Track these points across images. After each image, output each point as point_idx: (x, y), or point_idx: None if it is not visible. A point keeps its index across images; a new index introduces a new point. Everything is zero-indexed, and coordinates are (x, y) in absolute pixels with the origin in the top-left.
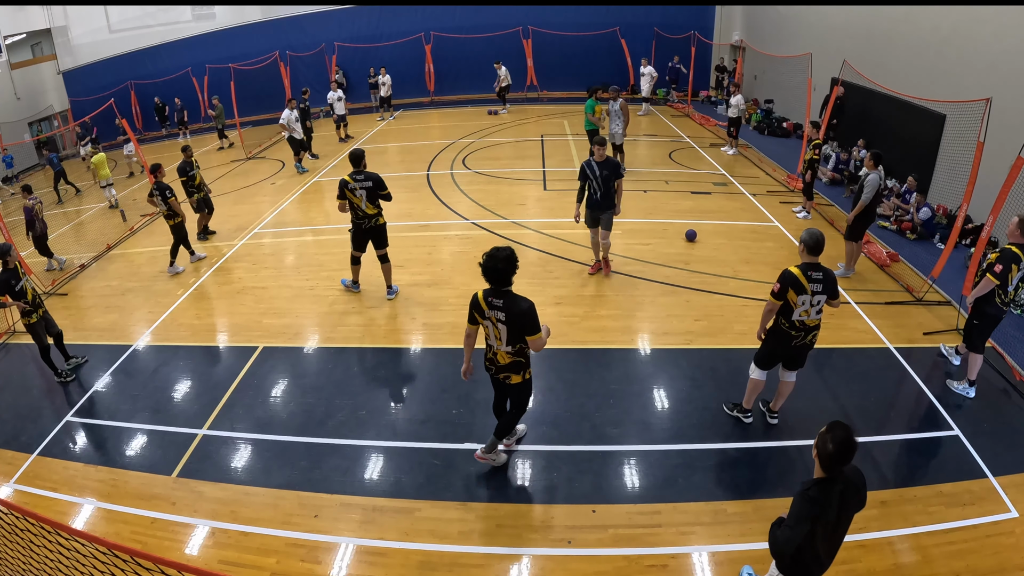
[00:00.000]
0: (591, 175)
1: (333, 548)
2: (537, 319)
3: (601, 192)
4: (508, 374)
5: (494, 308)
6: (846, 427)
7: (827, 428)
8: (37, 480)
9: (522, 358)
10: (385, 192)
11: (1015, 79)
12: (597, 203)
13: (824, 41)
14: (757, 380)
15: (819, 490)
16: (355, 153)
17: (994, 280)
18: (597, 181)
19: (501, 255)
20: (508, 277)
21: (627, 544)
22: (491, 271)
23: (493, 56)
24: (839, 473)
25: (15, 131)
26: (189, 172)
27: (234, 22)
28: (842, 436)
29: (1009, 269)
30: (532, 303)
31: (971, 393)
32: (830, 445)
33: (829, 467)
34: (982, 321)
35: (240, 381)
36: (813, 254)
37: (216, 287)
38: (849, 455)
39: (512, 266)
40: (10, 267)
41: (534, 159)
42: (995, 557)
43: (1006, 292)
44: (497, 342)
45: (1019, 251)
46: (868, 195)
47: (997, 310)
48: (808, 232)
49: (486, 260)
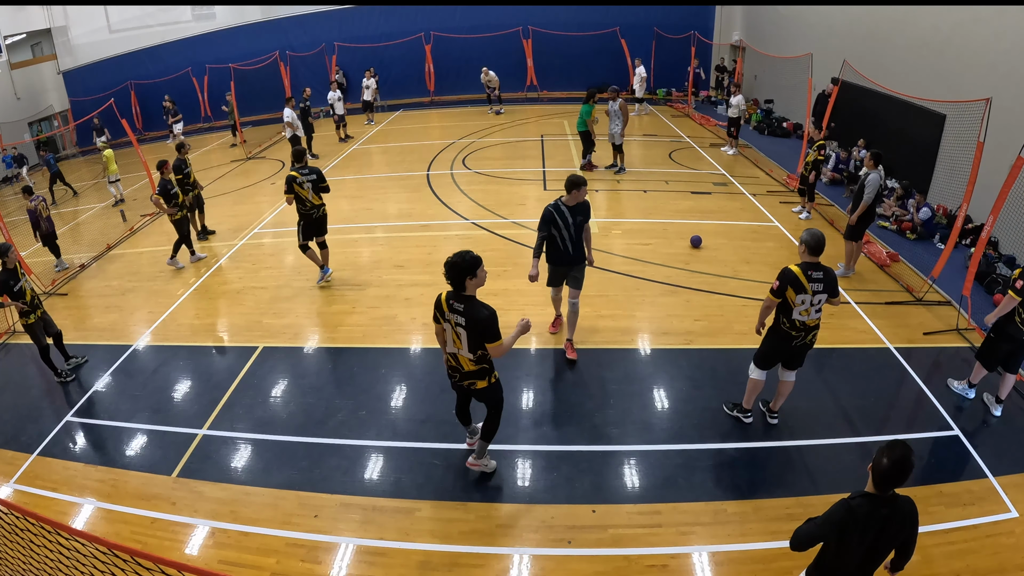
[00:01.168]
0: (560, 222)
1: (333, 548)
2: (497, 327)
3: (573, 243)
4: (473, 380)
5: (454, 311)
6: (906, 446)
7: (888, 445)
8: (37, 480)
9: (486, 364)
10: (325, 184)
11: (1015, 79)
12: (567, 256)
13: (824, 41)
14: (757, 380)
15: (862, 503)
16: (297, 150)
17: (1016, 296)
18: (568, 230)
19: (468, 256)
20: (462, 281)
21: (627, 544)
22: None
23: (493, 56)
24: (890, 495)
25: (15, 131)
26: (184, 170)
27: (234, 22)
28: (899, 455)
29: None
30: (494, 311)
31: (971, 394)
32: (885, 461)
33: (880, 484)
34: (998, 336)
35: (240, 381)
36: (814, 254)
37: (216, 287)
38: (903, 476)
39: (470, 270)
40: (9, 267)
41: (534, 159)
42: (995, 557)
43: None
44: (456, 345)
45: None
46: (870, 195)
47: (1017, 331)
48: (809, 232)
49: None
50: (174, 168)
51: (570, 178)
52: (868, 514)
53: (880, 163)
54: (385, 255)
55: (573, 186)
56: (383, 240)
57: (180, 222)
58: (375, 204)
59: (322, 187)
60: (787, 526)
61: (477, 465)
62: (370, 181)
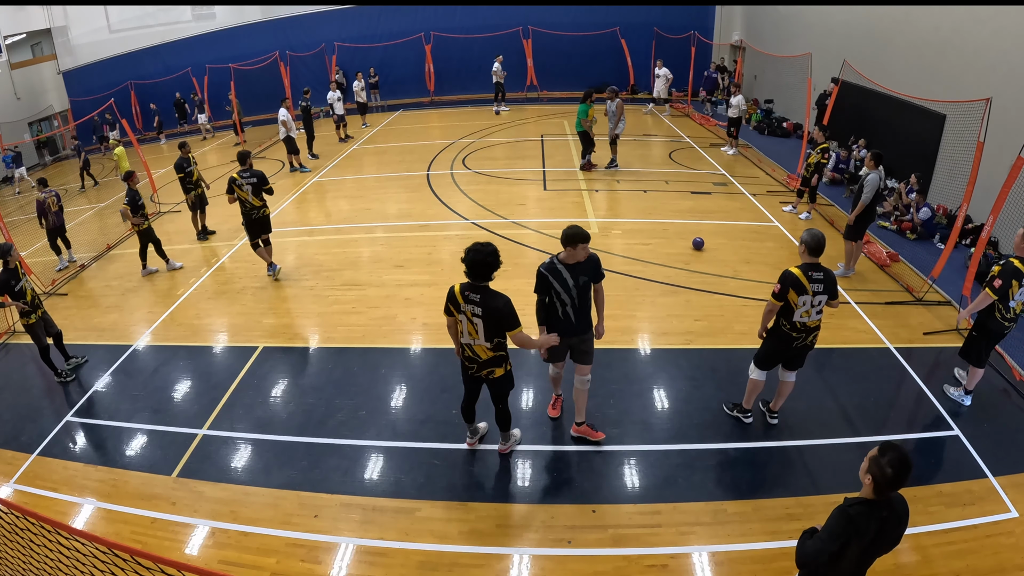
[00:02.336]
0: (559, 286)
1: (333, 548)
2: (515, 314)
3: (576, 310)
4: (491, 368)
5: (470, 302)
6: (899, 448)
7: (880, 451)
8: (37, 480)
9: (502, 351)
10: (268, 187)
11: (1015, 79)
12: (569, 326)
13: (824, 41)
14: (757, 380)
15: (861, 510)
16: (242, 153)
17: (992, 295)
18: (568, 293)
19: (488, 248)
20: (490, 272)
21: (627, 544)
22: (477, 264)
23: (493, 56)
24: (888, 498)
25: (15, 131)
26: (186, 168)
27: (234, 22)
28: (899, 458)
29: (1009, 285)
30: (509, 299)
31: (967, 401)
32: (888, 469)
33: (883, 491)
34: (981, 334)
35: (240, 381)
36: (814, 255)
37: (216, 287)
38: (907, 478)
39: (497, 261)
40: (10, 267)
41: (534, 159)
42: (995, 557)
43: (1007, 308)
44: (472, 336)
45: (1022, 265)
46: (868, 195)
47: (998, 326)
48: (809, 232)
49: (472, 253)
50: (175, 167)
51: (566, 232)
52: (868, 520)
53: (880, 163)
54: (385, 255)
55: (569, 241)
56: (383, 240)
57: (145, 233)
58: (375, 204)
59: (264, 189)
60: (787, 526)
61: (507, 448)
62: (370, 181)
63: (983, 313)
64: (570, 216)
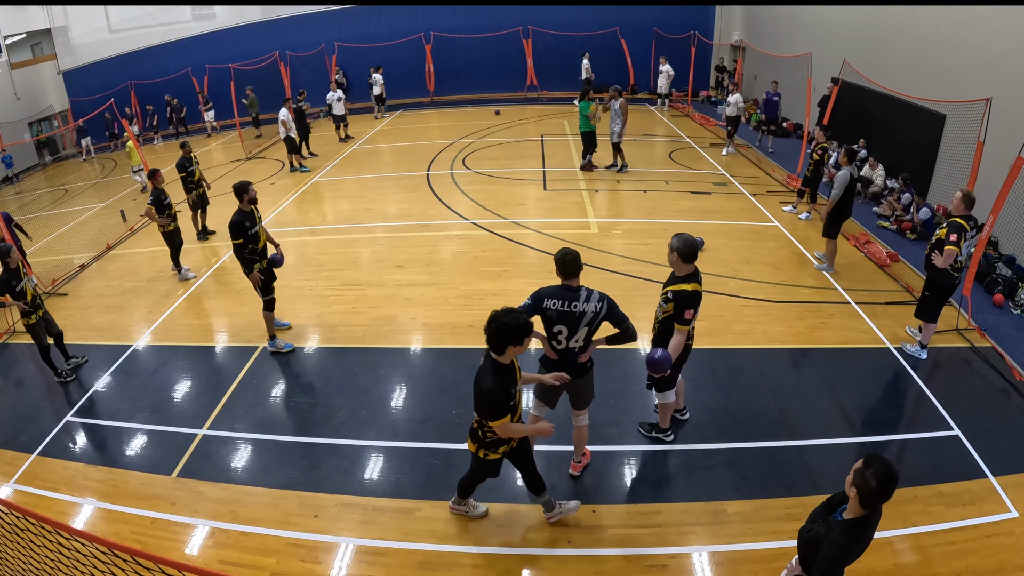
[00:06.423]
0: (552, 315)
1: (333, 548)
2: (497, 406)
3: (579, 346)
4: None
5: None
6: (884, 459)
7: (864, 463)
8: (37, 480)
9: (482, 433)
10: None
11: (1015, 79)
12: (567, 364)
13: (824, 41)
14: (668, 404)
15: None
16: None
17: (955, 248)
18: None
19: (522, 320)
20: (502, 345)
21: (627, 544)
22: (499, 329)
23: (493, 56)
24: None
25: (15, 131)
26: (188, 168)
27: (234, 22)
28: (884, 470)
29: (961, 238)
30: (495, 387)
31: (924, 355)
32: (873, 483)
33: (868, 503)
34: (935, 292)
35: (240, 381)
36: (687, 261)
37: (216, 287)
38: (892, 489)
39: (516, 338)
40: (11, 267)
41: (534, 159)
42: (995, 557)
43: (957, 260)
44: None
45: (963, 222)
46: (837, 192)
47: (949, 278)
48: (679, 237)
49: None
50: (177, 166)
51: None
52: (867, 530)
53: (854, 159)
54: (385, 255)
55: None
56: (383, 240)
57: (171, 234)
58: (375, 204)
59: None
60: (787, 526)
61: (554, 515)
62: (370, 181)
63: (936, 272)
64: (570, 216)
